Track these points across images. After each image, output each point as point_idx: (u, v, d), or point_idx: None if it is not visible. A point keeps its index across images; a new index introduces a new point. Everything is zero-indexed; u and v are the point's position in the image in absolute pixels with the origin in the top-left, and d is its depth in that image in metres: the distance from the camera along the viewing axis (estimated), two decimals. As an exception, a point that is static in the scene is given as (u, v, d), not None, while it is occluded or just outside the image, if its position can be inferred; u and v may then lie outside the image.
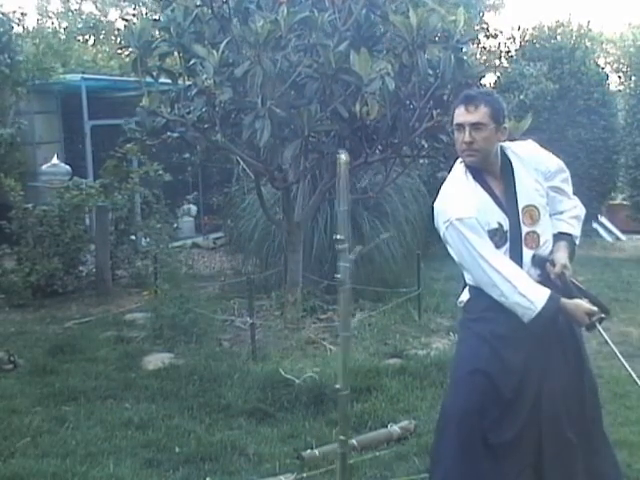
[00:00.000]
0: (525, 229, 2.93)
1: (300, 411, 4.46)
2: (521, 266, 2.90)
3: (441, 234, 2.95)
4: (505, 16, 30.79)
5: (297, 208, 6.47)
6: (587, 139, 10.81)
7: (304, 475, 3.60)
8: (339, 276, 2.57)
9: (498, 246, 2.89)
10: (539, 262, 2.93)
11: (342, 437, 2.64)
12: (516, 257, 2.91)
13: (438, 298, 7.07)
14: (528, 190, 2.96)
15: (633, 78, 11.60)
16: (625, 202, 11.77)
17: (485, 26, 11.48)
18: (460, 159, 3.00)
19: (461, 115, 2.92)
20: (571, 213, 3.09)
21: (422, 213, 7.82)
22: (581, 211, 3.12)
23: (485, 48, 11.20)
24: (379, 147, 6.01)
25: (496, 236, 2.90)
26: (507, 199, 2.94)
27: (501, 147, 2.98)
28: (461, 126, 2.92)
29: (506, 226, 2.91)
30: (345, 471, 2.51)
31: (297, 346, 5.83)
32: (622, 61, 13.42)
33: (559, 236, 3.03)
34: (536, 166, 3.00)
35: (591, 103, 10.93)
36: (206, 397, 4.69)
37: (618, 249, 10.68)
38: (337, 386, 2.60)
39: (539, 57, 11.22)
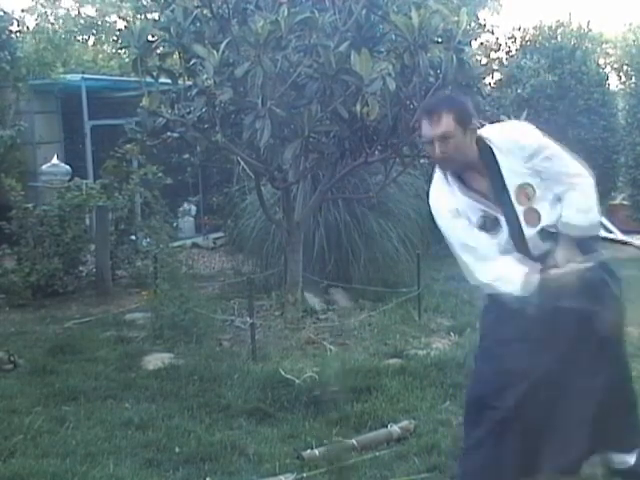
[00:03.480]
0: (521, 208, 2.91)
1: (300, 411, 4.46)
2: (525, 245, 2.91)
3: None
4: (505, 16, 30.81)
5: (297, 208, 6.47)
6: (587, 139, 10.79)
7: (304, 475, 3.60)
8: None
9: (493, 232, 2.92)
10: (547, 235, 2.92)
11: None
12: (517, 237, 2.92)
13: (438, 298, 7.06)
14: (515, 171, 2.92)
15: (633, 78, 11.61)
16: (625, 202, 11.76)
17: (483, 22, 11.48)
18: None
19: (427, 129, 2.87)
20: (568, 201, 2.94)
21: (424, 212, 7.82)
22: (581, 185, 2.97)
23: (482, 44, 11.19)
24: (379, 147, 6.02)
25: (485, 225, 2.93)
26: (495, 186, 2.94)
27: (480, 137, 2.93)
28: (429, 140, 2.88)
29: (493, 214, 2.93)
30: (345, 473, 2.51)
31: (297, 346, 5.83)
32: (622, 61, 13.41)
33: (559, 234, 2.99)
34: (515, 150, 2.93)
35: (591, 103, 10.92)
36: (206, 397, 4.69)
37: (618, 249, 10.66)
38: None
39: (540, 56, 11.22)
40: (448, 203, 2.95)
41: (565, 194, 2.96)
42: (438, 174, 3.04)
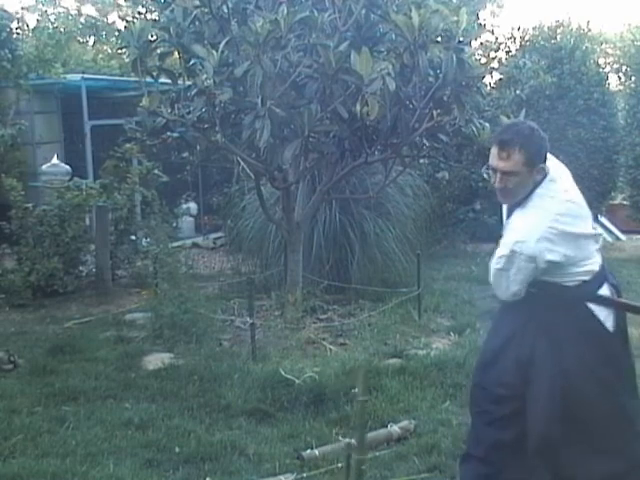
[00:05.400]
0: None
1: (300, 411, 4.46)
2: None
3: None
4: (505, 16, 30.88)
5: (297, 208, 6.47)
6: (587, 139, 10.78)
7: (304, 475, 3.60)
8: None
9: None
10: None
11: (349, 440, 2.66)
12: None
13: (438, 298, 7.07)
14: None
15: (633, 78, 11.60)
16: (625, 202, 11.76)
17: (483, 23, 11.48)
18: None
19: (494, 159, 2.88)
20: None
21: (423, 212, 7.83)
22: None
23: (482, 44, 11.19)
24: (379, 147, 6.02)
25: None
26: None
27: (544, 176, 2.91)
28: (494, 169, 2.90)
29: None
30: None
31: (297, 346, 5.83)
32: (622, 61, 13.41)
33: None
34: None
35: (591, 103, 10.91)
36: (206, 397, 4.69)
37: (618, 249, 10.66)
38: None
39: (539, 57, 11.22)
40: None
41: None
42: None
